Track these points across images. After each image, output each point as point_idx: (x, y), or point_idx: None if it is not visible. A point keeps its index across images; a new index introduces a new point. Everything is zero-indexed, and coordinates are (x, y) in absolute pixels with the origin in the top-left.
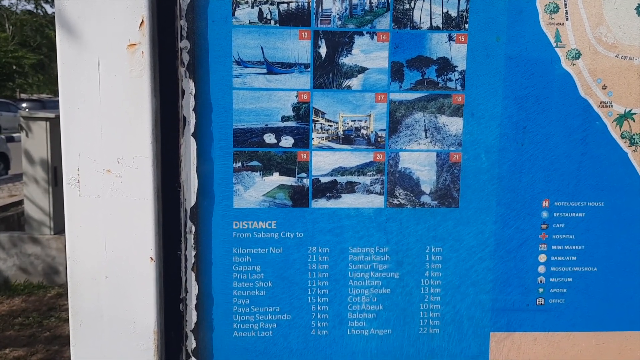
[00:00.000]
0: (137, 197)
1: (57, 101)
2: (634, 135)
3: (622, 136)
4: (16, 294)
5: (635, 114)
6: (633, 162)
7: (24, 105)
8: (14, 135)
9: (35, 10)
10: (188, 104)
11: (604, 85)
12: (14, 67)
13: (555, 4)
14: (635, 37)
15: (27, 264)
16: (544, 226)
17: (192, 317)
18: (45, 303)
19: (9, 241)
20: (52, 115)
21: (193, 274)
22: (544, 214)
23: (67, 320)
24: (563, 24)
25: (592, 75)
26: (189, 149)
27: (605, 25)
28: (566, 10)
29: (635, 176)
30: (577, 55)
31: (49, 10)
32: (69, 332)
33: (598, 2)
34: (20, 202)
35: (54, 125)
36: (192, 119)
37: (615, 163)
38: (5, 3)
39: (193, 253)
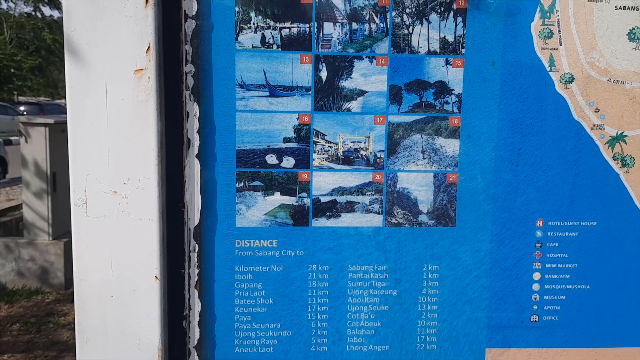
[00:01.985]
0: (143, 217)
1: (55, 104)
2: (625, 157)
3: (614, 158)
4: (14, 299)
5: (627, 136)
6: (625, 183)
7: (21, 108)
8: (12, 138)
9: (33, 13)
10: (192, 126)
11: (597, 108)
12: (12, 70)
13: (549, 29)
14: (626, 61)
15: (25, 269)
16: (538, 245)
17: (195, 333)
18: (43, 308)
19: (6, 247)
20: (51, 121)
21: (196, 292)
22: (538, 233)
23: (65, 326)
24: (557, 49)
25: (585, 98)
26: (193, 169)
27: (598, 50)
28: (560, 36)
29: (627, 197)
30: (571, 80)
31: (47, 12)
32: (67, 338)
33: (591, 28)
34: (18, 207)
35: (53, 131)
36: (196, 141)
37: (608, 184)
38: (4, 6)
39: (196, 271)
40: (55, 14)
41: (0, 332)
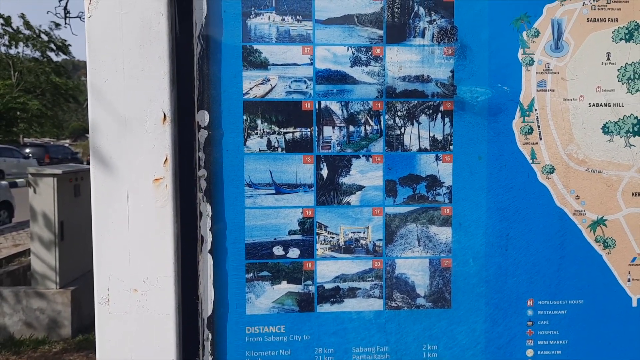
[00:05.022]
0: (161, 312)
1: (60, 145)
2: (607, 239)
3: (597, 240)
4: (21, 349)
5: (607, 220)
6: (608, 263)
7: (27, 150)
8: (17, 181)
9: (41, 58)
10: (205, 225)
11: (577, 195)
12: (18, 113)
13: (529, 126)
14: (602, 152)
15: (33, 318)
16: (529, 323)
17: None
18: (50, 358)
19: (14, 297)
20: (59, 171)
21: None
22: (529, 312)
23: None
24: (537, 143)
25: (566, 187)
26: (206, 264)
27: (575, 143)
28: (539, 132)
29: (610, 276)
30: (552, 170)
31: (54, 58)
32: None
33: (567, 124)
34: (24, 253)
35: (61, 181)
36: (208, 238)
37: (592, 265)
38: (12, 51)
39: (210, 359)
40: (61, 57)
41: None
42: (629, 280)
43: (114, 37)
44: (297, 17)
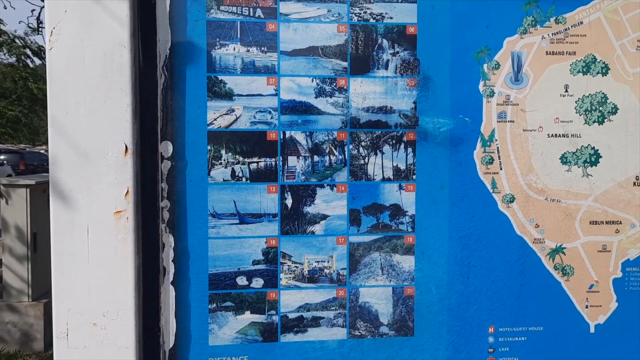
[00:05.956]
0: (121, 346)
1: (36, 152)
2: (565, 266)
3: (555, 268)
4: None
5: (565, 248)
6: (566, 290)
7: (1, 157)
8: None
9: (17, 63)
10: (168, 256)
11: (537, 224)
12: None
13: (490, 156)
14: (560, 182)
15: (4, 332)
16: (491, 350)
17: None
18: None
19: None
20: (32, 182)
21: None
22: (491, 339)
23: None
24: (498, 173)
25: (525, 216)
26: (168, 295)
27: (535, 173)
28: (500, 162)
29: (569, 303)
30: (512, 199)
31: (31, 63)
32: None
33: (527, 154)
34: None
35: (34, 192)
36: (171, 269)
37: (551, 292)
38: None
39: None
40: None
41: None
42: (586, 307)
43: (76, 69)
44: (262, 49)
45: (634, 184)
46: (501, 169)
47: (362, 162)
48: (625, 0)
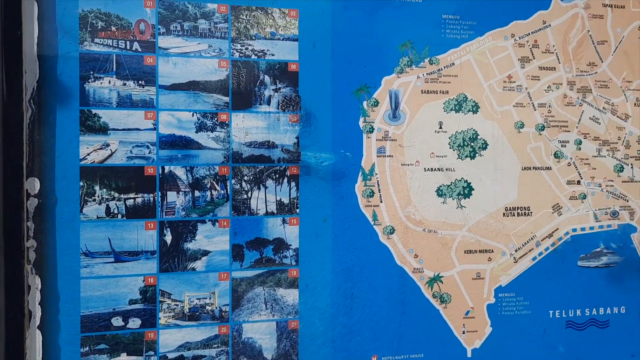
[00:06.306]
0: None
1: None
2: (443, 294)
3: (434, 296)
4: None
5: (442, 276)
6: (444, 317)
7: None
8: None
9: None
10: (34, 299)
11: (416, 254)
12: None
13: (371, 189)
14: (437, 214)
15: None
16: None
17: None
18: None
19: None
20: None
21: None
22: None
23: None
24: (378, 205)
25: (405, 246)
26: (35, 340)
27: (413, 205)
28: (380, 195)
29: (447, 329)
30: (392, 231)
31: None
32: None
33: (405, 187)
34: None
35: None
36: (37, 312)
37: (430, 319)
38: None
39: None
40: None
41: None
42: (463, 333)
43: None
44: (140, 82)
45: (504, 214)
46: (381, 201)
47: (245, 196)
48: (493, 44)
